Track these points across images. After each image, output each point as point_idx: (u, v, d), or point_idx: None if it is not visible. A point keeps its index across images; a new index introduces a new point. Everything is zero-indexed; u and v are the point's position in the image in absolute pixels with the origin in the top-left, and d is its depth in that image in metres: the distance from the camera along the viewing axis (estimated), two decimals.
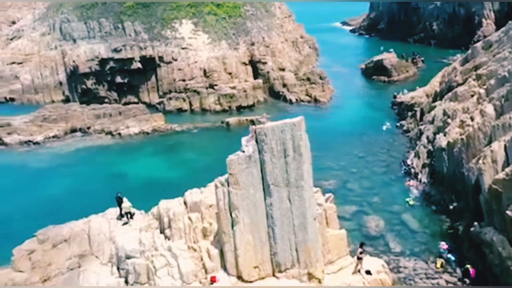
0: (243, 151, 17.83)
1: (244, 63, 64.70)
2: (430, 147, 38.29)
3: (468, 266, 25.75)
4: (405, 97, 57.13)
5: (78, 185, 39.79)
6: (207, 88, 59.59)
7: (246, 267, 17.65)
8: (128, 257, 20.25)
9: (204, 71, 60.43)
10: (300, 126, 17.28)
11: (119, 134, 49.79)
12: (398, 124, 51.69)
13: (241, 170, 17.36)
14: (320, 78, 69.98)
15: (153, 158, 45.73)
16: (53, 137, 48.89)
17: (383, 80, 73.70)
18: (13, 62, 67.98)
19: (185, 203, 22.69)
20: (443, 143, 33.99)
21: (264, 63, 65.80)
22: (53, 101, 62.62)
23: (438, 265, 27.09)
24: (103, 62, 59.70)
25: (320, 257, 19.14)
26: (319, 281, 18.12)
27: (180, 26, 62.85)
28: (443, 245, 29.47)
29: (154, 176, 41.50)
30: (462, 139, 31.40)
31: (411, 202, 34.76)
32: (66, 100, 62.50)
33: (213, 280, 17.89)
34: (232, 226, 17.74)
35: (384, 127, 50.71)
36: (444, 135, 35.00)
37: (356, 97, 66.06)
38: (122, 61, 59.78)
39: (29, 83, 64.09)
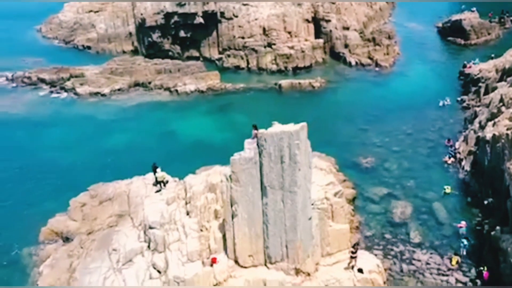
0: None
1: (307, 20, 63.16)
2: (480, 133, 36.30)
3: (482, 268, 25.63)
4: (473, 68, 52.91)
5: (134, 140, 43.76)
6: (265, 47, 59.69)
7: (242, 255, 19.71)
8: (150, 227, 23.24)
9: (264, 29, 60.23)
10: (298, 135, 18.08)
11: (176, 91, 52.75)
12: (459, 99, 48.60)
13: (242, 170, 18.85)
14: (389, 37, 66.49)
15: (204, 118, 48.30)
16: (118, 90, 53.15)
17: (459, 43, 67.89)
18: (91, 11, 72.59)
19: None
20: (489, 134, 32.19)
21: (328, 21, 63.58)
22: (123, 52, 66.86)
23: (454, 262, 27.18)
24: (168, 16, 61.73)
25: (316, 252, 20.57)
26: (308, 274, 19.72)
27: None
28: (461, 224, 29.29)
29: (202, 137, 44.18)
30: (507, 134, 29.57)
31: (448, 191, 33.97)
32: (135, 51, 66.37)
33: (213, 261, 20.26)
34: (232, 218, 19.64)
35: (441, 103, 47.96)
36: (493, 125, 32.99)
37: (422, 62, 62.11)
38: (186, 16, 61.30)
39: (103, 32, 68.57)
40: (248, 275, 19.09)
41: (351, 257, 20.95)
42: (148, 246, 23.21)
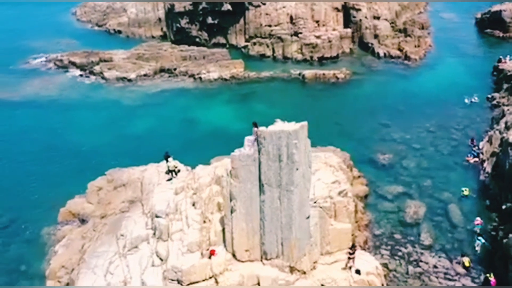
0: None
1: (336, 9, 61.93)
2: (505, 134, 34.84)
3: (489, 275, 24.97)
4: (509, 63, 50.55)
5: (155, 126, 44.73)
6: (291, 36, 59.15)
7: (239, 249, 20.05)
8: (156, 216, 23.92)
9: (291, 17, 59.59)
10: (297, 134, 18.03)
11: (200, 78, 53.27)
12: (489, 96, 46.62)
13: (241, 166, 19.05)
14: (422, 27, 64.35)
15: (225, 107, 48.67)
16: (144, 75, 54.22)
17: (497, 36, 65.01)
18: None
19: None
20: (511, 137, 30.88)
21: (358, 9, 62.13)
22: (152, 37, 67.98)
23: (467, 263, 26.49)
24: (196, 2, 62.08)
25: (314, 251, 20.65)
26: (304, 273, 19.87)
27: None
28: (477, 221, 28.70)
29: (222, 125, 44.57)
30: None
31: (466, 192, 32.98)
32: (164, 37, 67.29)
33: (211, 253, 20.70)
34: (231, 212, 19.97)
35: (467, 100, 46.23)
36: None
37: (455, 55, 59.86)
38: (213, 3, 61.46)
39: (134, 16, 69.84)
40: (243, 269, 19.44)
41: (349, 258, 20.90)
42: (154, 234, 23.92)
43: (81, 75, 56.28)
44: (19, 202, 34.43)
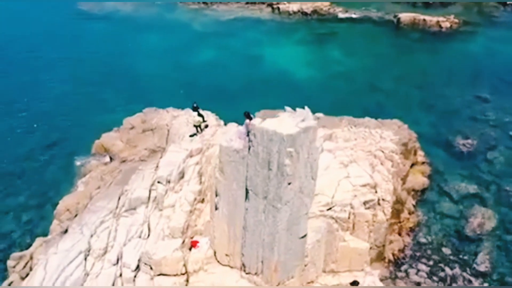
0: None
1: None
2: None
3: None
4: None
5: (217, 61, 41.42)
6: None
7: (220, 251, 17.18)
8: (158, 181, 21.73)
9: None
10: (293, 141, 13.52)
11: (278, 9, 47.50)
12: None
13: (228, 162, 15.38)
14: None
15: (297, 47, 43.25)
16: None
17: None
18: None
19: None
20: None
21: None
22: None
23: None
24: None
25: (311, 271, 17.00)
26: None
27: None
28: None
29: (288, 70, 39.95)
30: None
31: None
32: None
33: (193, 244, 18.12)
34: (216, 209, 16.82)
35: None
36: None
37: None
38: None
39: None
40: (218, 277, 16.65)
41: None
42: (154, 200, 21.95)
43: None
44: (67, 123, 34.84)
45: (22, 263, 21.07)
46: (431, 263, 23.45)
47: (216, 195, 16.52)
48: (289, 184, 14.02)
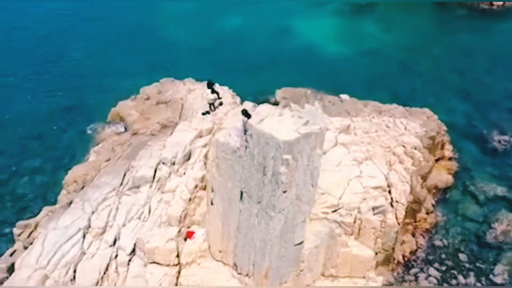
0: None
1: None
2: None
3: None
4: None
5: (242, 30, 39.34)
6: None
7: (213, 246, 16.53)
8: (162, 162, 21.07)
9: None
10: (291, 149, 12.23)
11: None
12: None
13: (224, 159, 14.36)
14: None
15: (331, 19, 40.52)
16: None
17: None
18: None
19: None
20: None
21: None
22: None
23: None
24: None
25: (306, 276, 16.15)
26: None
27: None
28: None
29: (317, 44, 37.56)
30: None
31: None
32: None
33: (188, 235, 17.53)
34: (211, 203, 16.02)
35: None
36: None
37: None
38: None
39: None
40: (209, 273, 16.09)
41: None
42: (158, 181, 21.37)
43: None
44: (88, 86, 34.47)
45: (26, 232, 21.31)
46: (443, 268, 22.11)
47: (212, 190, 15.65)
48: (284, 192, 12.89)
